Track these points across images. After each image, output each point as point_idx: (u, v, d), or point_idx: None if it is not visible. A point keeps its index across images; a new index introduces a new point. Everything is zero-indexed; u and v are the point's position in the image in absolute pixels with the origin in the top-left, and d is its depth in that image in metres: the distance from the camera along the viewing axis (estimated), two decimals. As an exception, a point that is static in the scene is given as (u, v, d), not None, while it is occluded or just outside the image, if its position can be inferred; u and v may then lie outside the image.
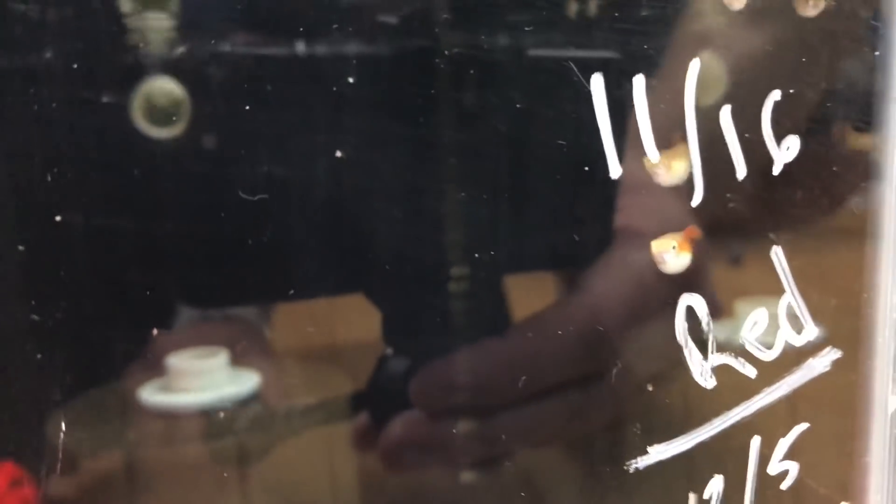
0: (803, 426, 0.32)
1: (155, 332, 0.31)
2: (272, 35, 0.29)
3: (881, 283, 0.31)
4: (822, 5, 0.28)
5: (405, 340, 0.31)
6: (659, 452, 0.31)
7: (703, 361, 0.30)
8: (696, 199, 0.29)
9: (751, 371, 0.30)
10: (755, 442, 0.31)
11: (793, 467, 0.32)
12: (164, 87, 0.29)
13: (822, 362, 0.31)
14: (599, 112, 0.27)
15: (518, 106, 0.29)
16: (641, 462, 0.30)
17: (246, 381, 0.33)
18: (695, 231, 0.30)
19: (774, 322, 0.30)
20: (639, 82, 0.28)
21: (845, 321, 0.31)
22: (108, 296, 0.31)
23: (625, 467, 0.30)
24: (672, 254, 0.29)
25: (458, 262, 0.30)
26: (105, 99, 0.29)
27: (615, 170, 0.28)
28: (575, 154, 0.29)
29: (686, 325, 0.30)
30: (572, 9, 0.29)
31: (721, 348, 0.30)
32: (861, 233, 0.31)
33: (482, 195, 0.30)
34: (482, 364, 0.29)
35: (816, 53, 0.28)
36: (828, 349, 0.31)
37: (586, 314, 0.30)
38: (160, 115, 0.29)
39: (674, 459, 0.31)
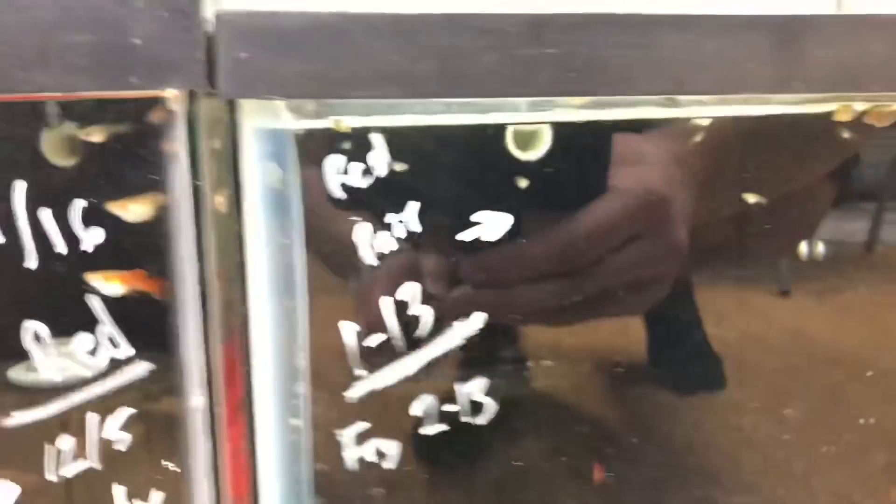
0: (130, 411, 0.48)
1: None
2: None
3: (181, 316, 0.47)
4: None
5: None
6: (20, 417, 0.47)
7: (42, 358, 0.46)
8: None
9: (83, 371, 0.47)
10: (92, 417, 0.47)
11: (124, 437, 0.48)
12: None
13: (137, 370, 0.47)
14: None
15: None
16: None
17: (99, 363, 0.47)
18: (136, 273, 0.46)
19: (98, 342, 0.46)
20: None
21: (156, 340, 0.47)
22: None
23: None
24: (101, 283, 0.46)
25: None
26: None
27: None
28: None
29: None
30: None
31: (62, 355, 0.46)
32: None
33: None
34: (505, 259, 0.50)
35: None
36: (143, 362, 0.47)
37: (575, 231, 0.50)
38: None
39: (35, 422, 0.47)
